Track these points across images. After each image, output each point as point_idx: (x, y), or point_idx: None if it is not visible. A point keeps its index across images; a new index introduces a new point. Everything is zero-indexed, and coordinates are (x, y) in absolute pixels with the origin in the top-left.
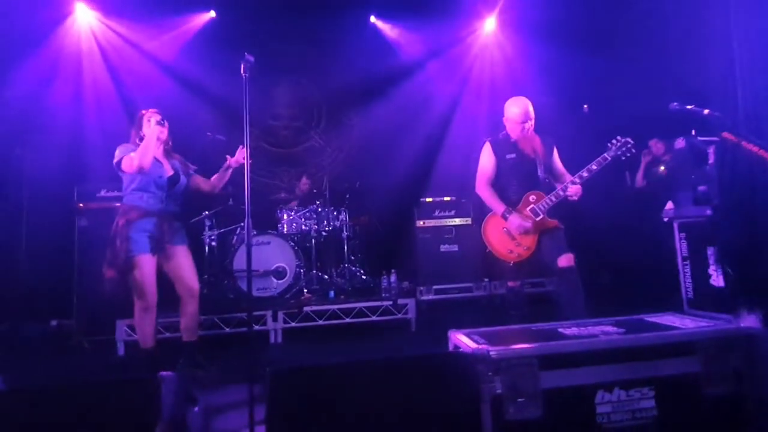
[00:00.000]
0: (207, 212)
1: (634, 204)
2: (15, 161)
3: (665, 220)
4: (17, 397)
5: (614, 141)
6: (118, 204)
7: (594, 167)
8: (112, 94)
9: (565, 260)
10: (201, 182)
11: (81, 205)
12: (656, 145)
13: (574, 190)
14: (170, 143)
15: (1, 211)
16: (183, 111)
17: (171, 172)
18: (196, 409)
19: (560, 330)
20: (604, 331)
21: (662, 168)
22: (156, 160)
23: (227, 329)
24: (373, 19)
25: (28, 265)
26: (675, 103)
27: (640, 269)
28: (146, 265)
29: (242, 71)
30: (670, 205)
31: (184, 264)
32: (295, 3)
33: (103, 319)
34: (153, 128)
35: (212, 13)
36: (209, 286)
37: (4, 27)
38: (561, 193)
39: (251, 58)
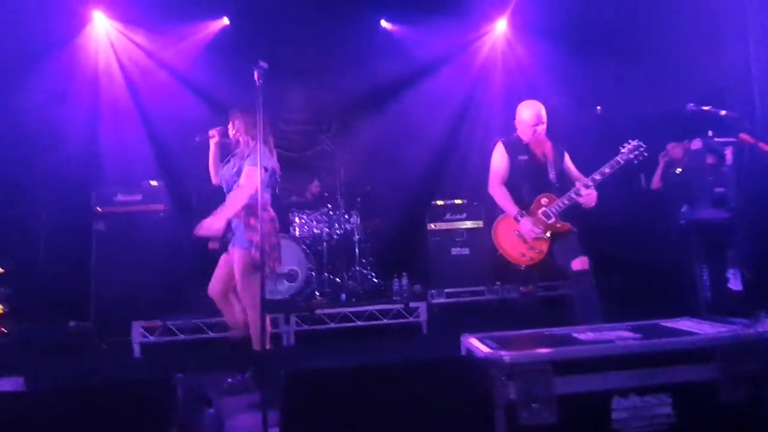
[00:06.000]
0: None
1: (649, 206)
2: (35, 166)
3: (681, 222)
4: (36, 398)
5: (626, 145)
6: (135, 208)
7: (606, 170)
8: (127, 100)
9: (579, 263)
10: None
11: (98, 208)
12: (674, 149)
13: (587, 199)
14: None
15: (21, 215)
16: (196, 117)
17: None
18: (211, 411)
19: (574, 335)
20: (619, 336)
21: (678, 169)
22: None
23: None
24: (383, 23)
25: (47, 267)
26: (692, 104)
27: (656, 273)
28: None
29: (256, 78)
30: (686, 207)
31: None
32: (306, 8)
33: (120, 321)
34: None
35: (225, 21)
36: None
37: (23, 35)
38: (574, 196)
39: (265, 65)
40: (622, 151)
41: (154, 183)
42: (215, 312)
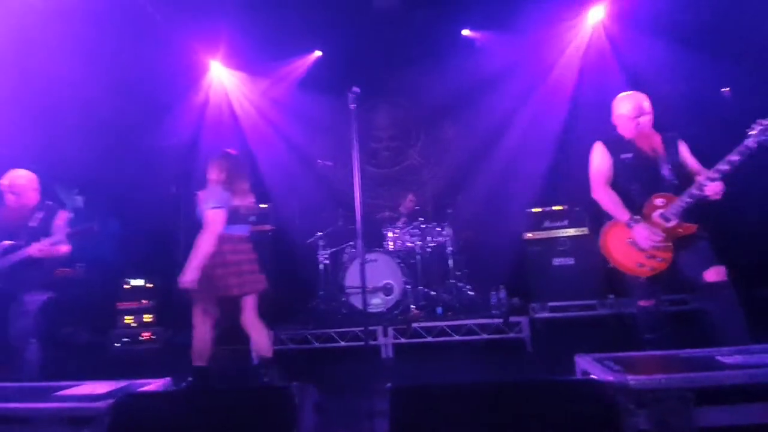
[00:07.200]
0: (320, 233)
1: None
2: (172, 198)
3: None
4: (179, 397)
5: (756, 125)
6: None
7: (735, 158)
8: (242, 134)
9: (715, 274)
10: None
11: None
12: None
13: (712, 189)
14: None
15: (164, 240)
16: (297, 142)
17: None
18: (322, 419)
19: (719, 358)
20: None
21: None
22: None
23: (342, 342)
24: (465, 32)
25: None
26: None
27: None
28: None
29: (350, 103)
30: None
31: None
32: (388, 30)
33: (239, 331)
34: None
35: (318, 53)
36: (325, 302)
37: (157, 86)
38: (696, 192)
39: (357, 90)
40: (752, 133)
41: (263, 206)
42: (321, 324)
